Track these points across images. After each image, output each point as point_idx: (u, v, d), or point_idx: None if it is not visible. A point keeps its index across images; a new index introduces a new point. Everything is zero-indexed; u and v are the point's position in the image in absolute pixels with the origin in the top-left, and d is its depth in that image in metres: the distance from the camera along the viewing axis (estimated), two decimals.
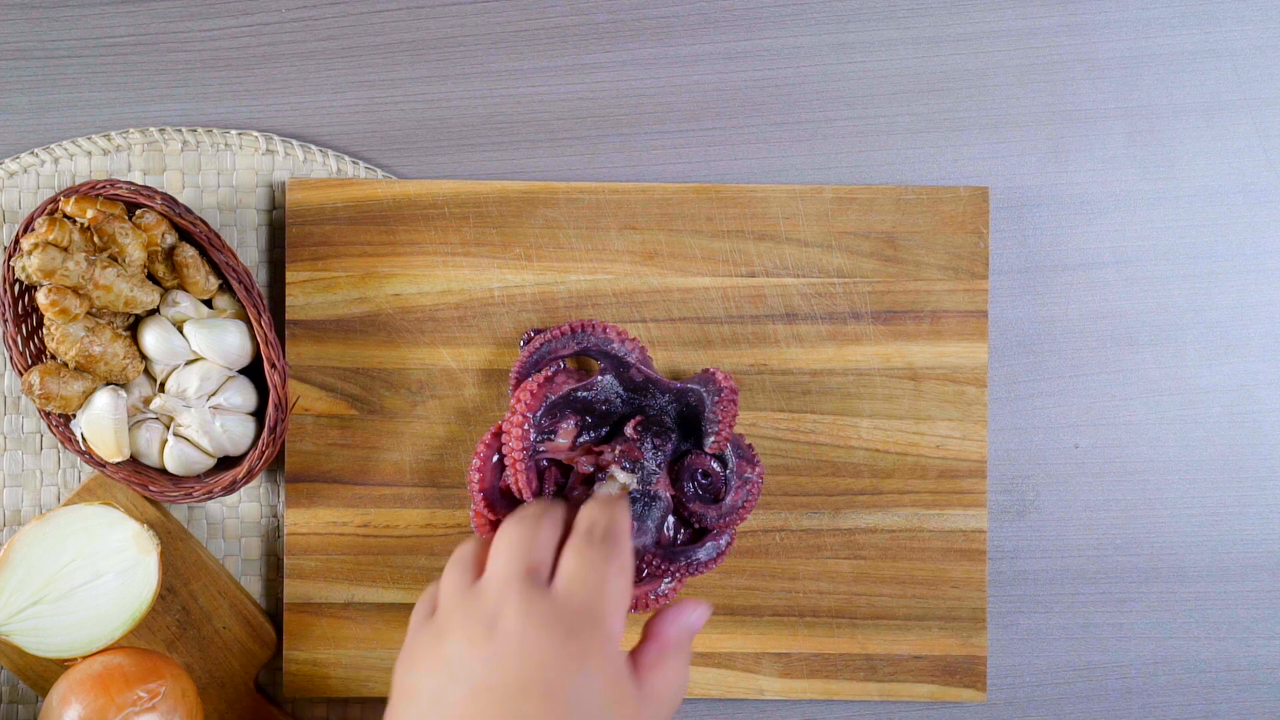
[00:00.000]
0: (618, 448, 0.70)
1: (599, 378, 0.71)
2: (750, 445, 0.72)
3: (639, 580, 0.71)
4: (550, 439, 0.71)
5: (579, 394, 0.71)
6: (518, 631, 0.58)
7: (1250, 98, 0.77)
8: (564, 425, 0.71)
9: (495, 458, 0.70)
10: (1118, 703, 0.77)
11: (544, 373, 0.71)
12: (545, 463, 0.71)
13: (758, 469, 0.72)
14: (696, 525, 0.71)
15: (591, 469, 0.70)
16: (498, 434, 0.70)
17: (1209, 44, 0.77)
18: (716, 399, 0.70)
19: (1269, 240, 0.77)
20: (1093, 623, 0.77)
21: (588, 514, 0.63)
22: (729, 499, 0.71)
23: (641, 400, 0.71)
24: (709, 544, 0.71)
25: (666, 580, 0.71)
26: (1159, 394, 0.77)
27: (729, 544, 0.71)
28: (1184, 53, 0.77)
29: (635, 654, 0.62)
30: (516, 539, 0.62)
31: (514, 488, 0.69)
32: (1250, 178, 0.77)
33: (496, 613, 0.59)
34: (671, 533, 0.72)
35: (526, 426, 0.69)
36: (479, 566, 0.62)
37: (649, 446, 0.70)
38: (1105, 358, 0.77)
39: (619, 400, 0.71)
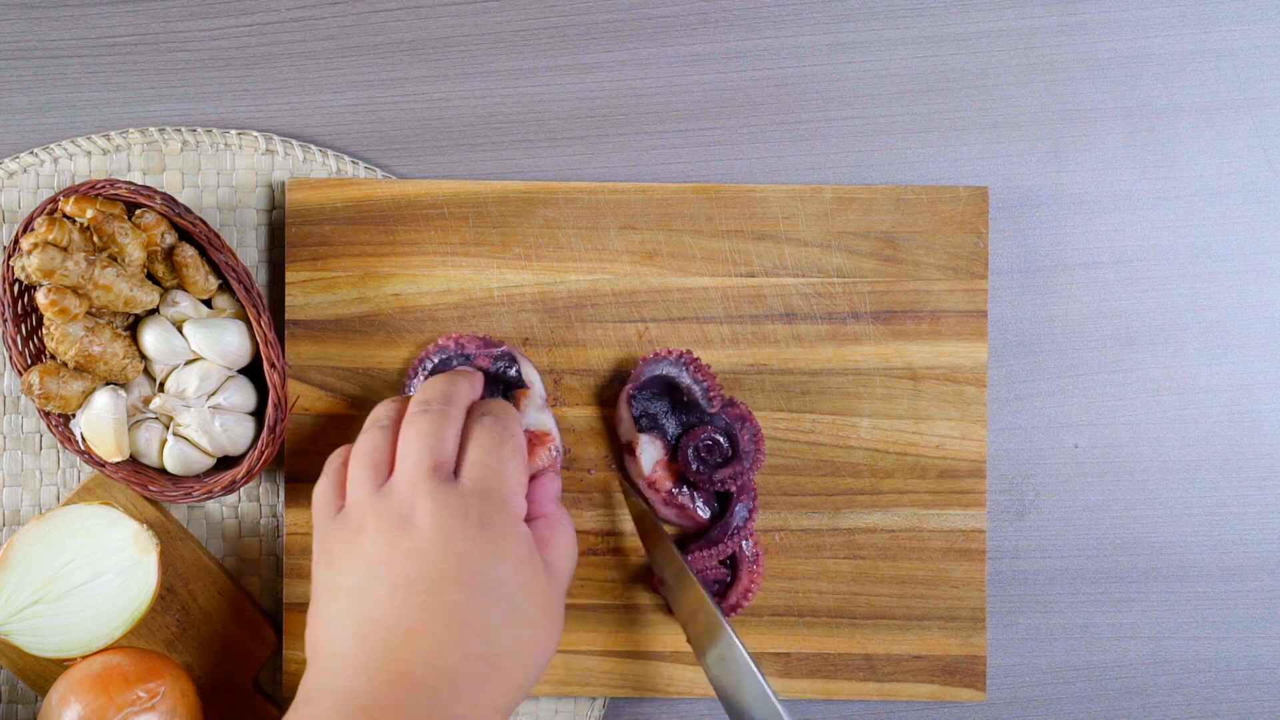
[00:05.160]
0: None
1: None
2: (731, 399, 0.74)
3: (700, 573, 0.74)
4: None
5: None
6: (432, 526, 0.61)
7: (1250, 98, 0.77)
8: None
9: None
10: (1118, 703, 0.77)
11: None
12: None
13: (751, 423, 0.73)
14: (720, 490, 0.73)
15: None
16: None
17: (1209, 44, 0.77)
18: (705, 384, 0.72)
19: (1269, 240, 0.77)
20: (1093, 623, 0.77)
21: (480, 407, 0.67)
22: (742, 450, 0.72)
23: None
24: (738, 506, 0.73)
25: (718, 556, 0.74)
26: (1159, 394, 0.77)
27: (754, 501, 0.73)
28: (1184, 53, 0.77)
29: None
30: (421, 437, 0.64)
31: None
32: (1250, 178, 0.77)
33: (410, 511, 0.62)
34: (705, 514, 0.74)
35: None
36: (387, 465, 0.65)
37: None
38: (1105, 358, 0.77)
39: None
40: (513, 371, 0.73)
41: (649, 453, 0.73)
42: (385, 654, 0.59)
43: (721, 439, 0.72)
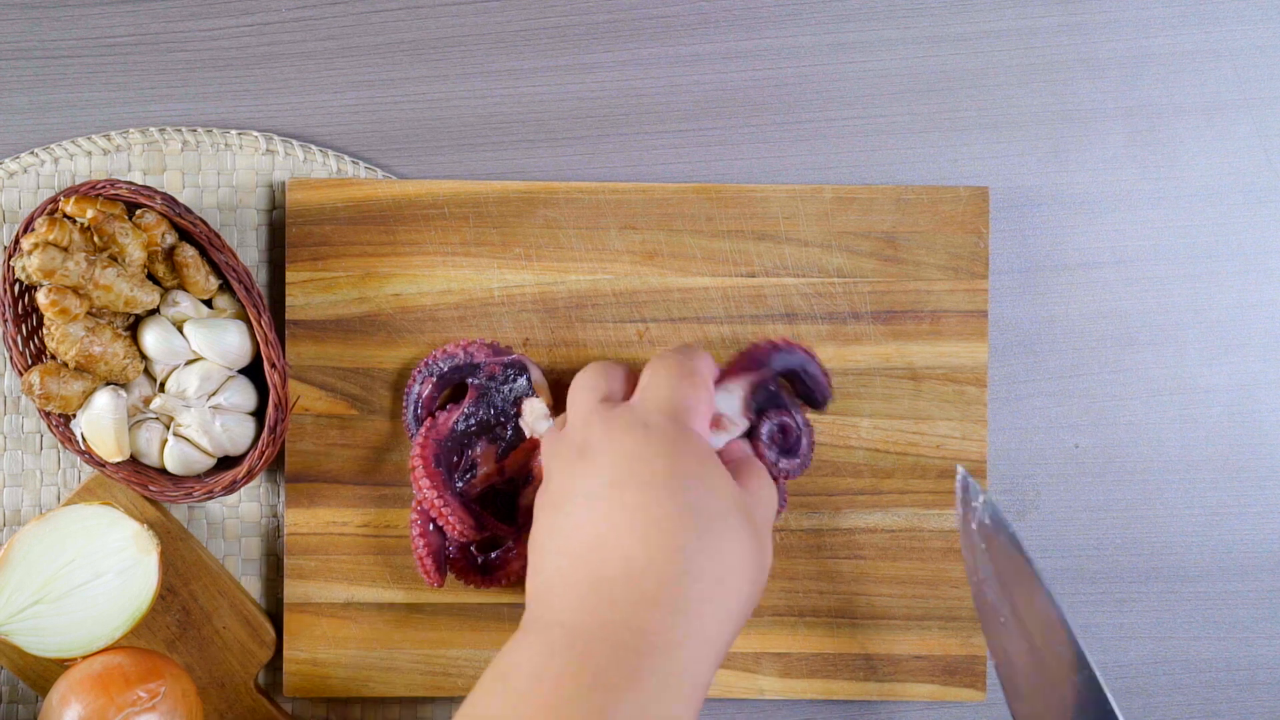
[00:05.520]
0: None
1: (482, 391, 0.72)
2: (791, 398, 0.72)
3: None
4: (472, 475, 0.72)
5: (469, 420, 0.72)
6: (605, 442, 0.61)
7: (1250, 98, 0.77)
8: (478, 452, 0.72)
9: (430, 525, 0.71)
10: (1117, 703, 0.76)
11: (426, 422, 0.72)
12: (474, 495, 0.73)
13: (811, 430, 0.71)
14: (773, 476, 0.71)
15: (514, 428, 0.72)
16: (419, 507, 0.72)
17: (1209, 44, 0.77)
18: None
19: (1269, 240, 0.77)
20: (1093, 623, 0.77)
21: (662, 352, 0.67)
22: (801, 449, 0.70)
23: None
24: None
25: None
26: (1159, 394, 0.77)
27: (784, 499, 0.72)
28: (1184, 53, 0.77)
29: None
30: (586, 383, 0.66)
31: (455, 535, 0.71)
32: (1250, 178, 0.77)
33: (585, 440, 0.62)
34: None
35: (434, 480, 0.70)
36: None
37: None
38: (1105, 358, 0.77)
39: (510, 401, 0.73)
40: (522, 379, 0.72)
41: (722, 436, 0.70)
42: (588, 574, 0.58)
43: (794, 425, 0.69)
